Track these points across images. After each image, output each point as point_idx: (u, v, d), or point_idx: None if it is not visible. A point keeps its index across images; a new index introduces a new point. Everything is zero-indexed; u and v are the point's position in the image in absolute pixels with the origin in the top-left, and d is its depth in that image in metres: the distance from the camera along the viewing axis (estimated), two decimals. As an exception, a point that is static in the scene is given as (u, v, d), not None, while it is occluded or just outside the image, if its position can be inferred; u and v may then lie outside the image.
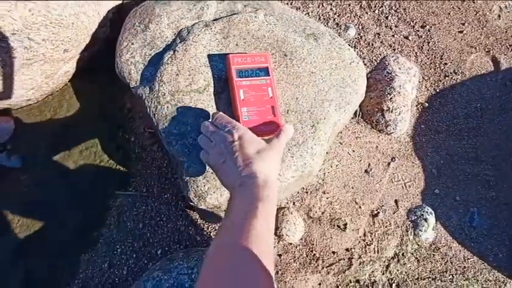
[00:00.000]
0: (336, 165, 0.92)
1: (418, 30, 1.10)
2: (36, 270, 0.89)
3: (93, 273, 0.87)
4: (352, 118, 0.99)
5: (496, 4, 1.14)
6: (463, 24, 1.11)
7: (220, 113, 0.61)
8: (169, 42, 0.76)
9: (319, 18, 1.09)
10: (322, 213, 0.87)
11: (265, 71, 0.67)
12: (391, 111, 0.94)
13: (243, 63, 0.67)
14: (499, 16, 1.13)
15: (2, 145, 0.98)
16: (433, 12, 1.13)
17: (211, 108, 0.69)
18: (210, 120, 0.63)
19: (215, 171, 0.56)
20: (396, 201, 0.91)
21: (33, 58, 0.79)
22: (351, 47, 1.06)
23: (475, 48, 1.09)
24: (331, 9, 1.10)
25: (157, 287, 0.67)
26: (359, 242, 0.86)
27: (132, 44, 0.76)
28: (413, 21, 1.11)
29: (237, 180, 0.49)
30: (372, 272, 0.84)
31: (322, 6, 1.10)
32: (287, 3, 1.09)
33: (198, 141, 0.61)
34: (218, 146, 0.54)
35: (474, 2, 1.14)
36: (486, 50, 1.09)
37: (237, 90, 0.64)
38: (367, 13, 1.12)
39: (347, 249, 0.85)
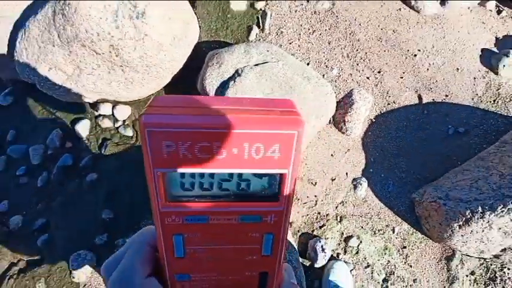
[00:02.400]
0: (314, 150, 1.60)
1: (376, 74, 1.78)
2: (120, 213, 1.58)
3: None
4: (327, 124, 1.67)
5: (427, 61, 1.81)
6: (404, 72, 1.79)
7: None
8: (231, 75, 1.45)
9: (316, 61, 1.77)
10: (303, 175, 1.56)
11: (274, 181, 0.26)
12: (350, 122, 1.62)
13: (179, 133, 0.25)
14: (428, 69, 1.80)
15: (123, 121, 1.68)
16: (386, 63, 1.80)
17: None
18: None
19: None
20: (347, 173, 1.59)
21: (157, 75, 1.48)
22: (333, 81, 1.74)
23: (409, 88, 1.76)
24: (324, 56, 1.78)
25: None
26: (322, 193, 1.54)
27: (211, 75, 1.45)
28: (374, 68, 1.79)
29: None
30: (327, 209, 1.52)
31: (318, 54, 1.79)
32: (295, 53, 1.78)
33: None
34: None
35: (413, 60, 1.81)
36: (415, 90, 1.76)
37: (164, 234, 0.26)
38: (345, 60, 1.79)
39: (315, 196, 1.53)
